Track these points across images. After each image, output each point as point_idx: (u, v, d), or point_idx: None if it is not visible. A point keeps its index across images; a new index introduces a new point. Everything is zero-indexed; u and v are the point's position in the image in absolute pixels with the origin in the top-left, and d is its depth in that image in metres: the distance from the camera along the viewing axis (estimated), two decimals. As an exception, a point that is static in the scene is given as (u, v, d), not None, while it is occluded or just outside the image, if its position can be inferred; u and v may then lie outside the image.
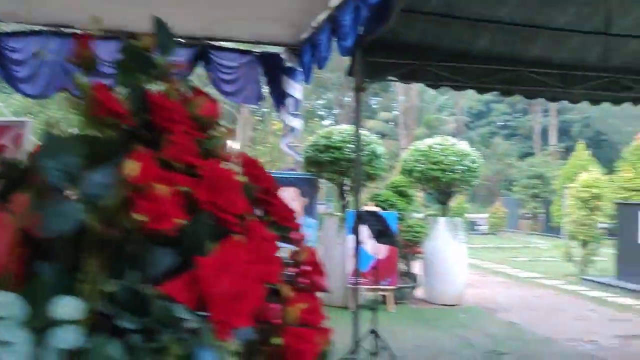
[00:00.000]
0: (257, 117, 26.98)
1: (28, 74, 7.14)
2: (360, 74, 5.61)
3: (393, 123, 39.38)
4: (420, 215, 8.79)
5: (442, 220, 8.27)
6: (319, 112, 49.61)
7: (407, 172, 8.42)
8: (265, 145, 19.38)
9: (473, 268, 12.60)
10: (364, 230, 7.98)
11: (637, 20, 5.85)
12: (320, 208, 10.79)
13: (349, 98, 44.51)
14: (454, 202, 25.63)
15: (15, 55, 7.05)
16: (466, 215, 24.96)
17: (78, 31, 6.96)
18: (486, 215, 23.15)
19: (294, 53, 8.09)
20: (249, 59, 8.04)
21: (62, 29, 7.06)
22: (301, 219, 7.88)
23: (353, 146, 7.73)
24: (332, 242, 7.92)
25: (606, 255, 11.02)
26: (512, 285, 10.29)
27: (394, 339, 6.36)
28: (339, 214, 8.05)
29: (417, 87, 32.49)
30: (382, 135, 41.53)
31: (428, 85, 6.10)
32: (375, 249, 7.89)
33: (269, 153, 17.40)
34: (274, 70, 8.14)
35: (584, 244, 10.80)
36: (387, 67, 5.87)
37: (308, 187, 7.93)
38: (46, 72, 7.12)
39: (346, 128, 8.06)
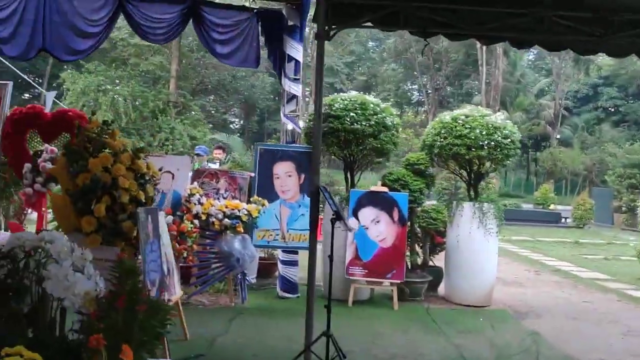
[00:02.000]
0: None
1: (8, 35, 6.69)
2: (323, 17, 4.55)
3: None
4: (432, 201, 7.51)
5: (467, 205, 6.96)
6: (414, 97, 47.63)
7: (428, 147, 7.17)
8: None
9: (530, 264, 11.03)
10: (368, 214, 6.93)
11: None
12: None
13: (440, 80, 42.44)
14: (539, 191, 23.41)
15: None
16: (553, 205, 22.69)
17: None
18: (572, 207, 20.81)
19: (296, 9, 7.14)
20: (246, 17, 7.19)
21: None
22: (297, 197, 6.93)
23: (354, 115, 6.70)
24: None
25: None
26: (565, 286, 8.70)
27: (374, 343, 5.28)
28: (341, 192, 7.02)
29: (502, 65, 30.07)
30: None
31: (413, 33, 4.89)
32: (379, 236, 6.80)
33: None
34: (275, 29, 7.25)
35: (665, 242, 8.94)
36: (359, 9, 4.73)
37: (307, 162, 6.95)
38: (26, 32, 6.67)
39: (351, 95, 6.97)
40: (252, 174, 6.94)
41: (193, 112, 21.37)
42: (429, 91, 42.55)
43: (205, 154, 8.28)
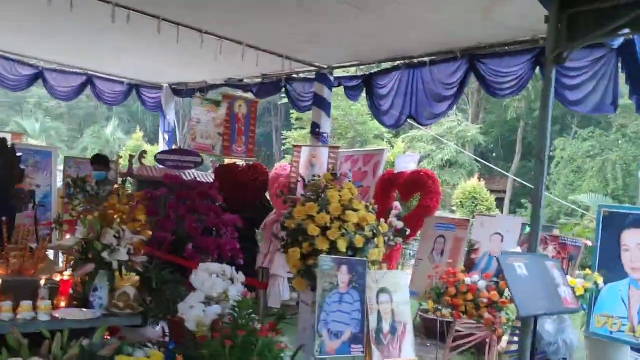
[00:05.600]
0: None
1: (387, 107, 7.82)
2: (553, 34, 3.60)
3: None
4: None
5: None
6: None
7: None
8: None
9: None
10: None
11: None
12: None
13: None
14: None
15: (380, 91, 7.90)
16: None
17: (425, 59, 7.21)
18: None
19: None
20: (602, 53, 6.06)
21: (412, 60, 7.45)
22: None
23: None
24: None
25: None
26: None
27: None
28: None
29: None
30: None
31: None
32: None
33: None
34: (636, 62, 5.79)
35: None
36: (608, 14, 3.38)
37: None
38: (399, 103, 7.63)
39: None
40: (588, 242, 5.56)
41: None
42: None
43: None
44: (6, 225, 3.81)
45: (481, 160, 13.71)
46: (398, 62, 7.61)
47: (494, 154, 25.70)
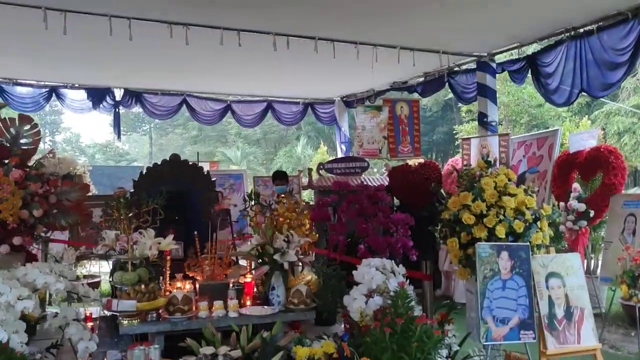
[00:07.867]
0: None
1: (556, 85, 7.51)
2: None
3: None
4: None
5: None
6: None
7: None
8: None
9: None
10: None
11: None
12: None
13: None
14: None
15: (546, 69, 7.61)
16: None
17: (591, 27, 6.81)
18: None
19: None
20: None
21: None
22: None
23: None
24: None
25: None
26: None
27: None
28: None
29: None
30: None
31: None
32: None
33: None
34: None
35: None
36: None
37: None
38: (568, 79, 7.29)
39: None
40: None
41: None
42: None
43: None
44: (198, 239, 4.49)
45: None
46: (562, 35, 7.16)
47: None
